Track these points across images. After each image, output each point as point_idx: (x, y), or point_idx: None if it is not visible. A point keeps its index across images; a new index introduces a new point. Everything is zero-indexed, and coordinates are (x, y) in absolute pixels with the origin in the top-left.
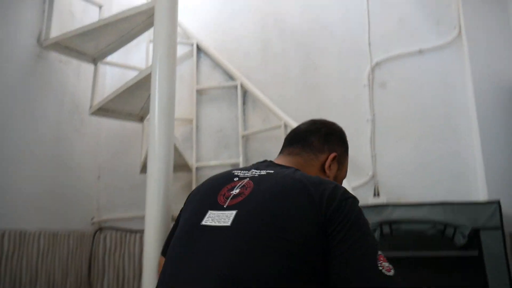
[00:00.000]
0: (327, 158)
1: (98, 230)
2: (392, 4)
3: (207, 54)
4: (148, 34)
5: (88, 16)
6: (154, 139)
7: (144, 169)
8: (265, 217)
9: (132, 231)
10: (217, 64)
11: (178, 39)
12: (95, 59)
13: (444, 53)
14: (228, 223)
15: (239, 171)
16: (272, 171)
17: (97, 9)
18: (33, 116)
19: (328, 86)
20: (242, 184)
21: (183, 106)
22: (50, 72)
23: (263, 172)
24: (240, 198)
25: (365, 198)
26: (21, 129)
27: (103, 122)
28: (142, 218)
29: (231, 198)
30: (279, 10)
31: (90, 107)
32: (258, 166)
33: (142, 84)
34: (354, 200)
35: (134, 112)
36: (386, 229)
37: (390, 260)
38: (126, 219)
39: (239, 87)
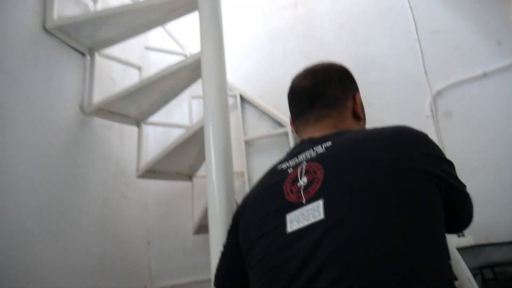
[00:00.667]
0: (354, 103)
1: None
2: (444, 30)
3: (252, 104)
4: (190, 91)
5: (128, 80)
6: (214, 197)
7: (199, 230)
8: (361, 193)
9: None
10: (263, 113)
11: None
12: (138, 121)
13: (511, 74)
14: (321, 216)
15: (284, 164)
16: (328, 144)
17: (136, 72)
18: (78, 184)
19: (386, 121)
20: (304, 171)
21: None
22: (94, 138)
23: (319, 150)
24: (316, 185)
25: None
26: (67, 199)
27: (150, 185)
28: (198, 284)
29: (304, 190)
30: (323, 50)
31: (137, 170)
32: (303, 148)
33: (190, 141)
34: (426, 135)
35: (182, 171)
36: (489, 274)
37: None
38: (181, 286)
39: (289, 133)
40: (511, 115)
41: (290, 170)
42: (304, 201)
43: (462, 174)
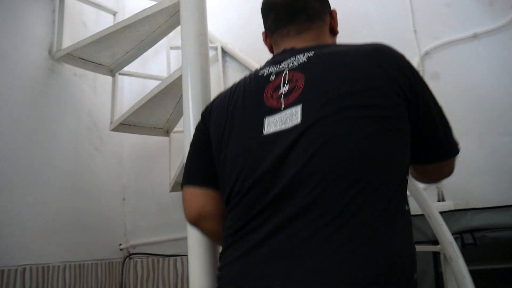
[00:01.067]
0: (331, 18)
1: (128, 257)
2: None
3: (233, 57)
4: (168, 40)
5: (102, 26)
6: None
7: (175, 187)
8: (340, 100)
9: (165, 256)
10: (245, 67)
11: None
12: (113, 70)
13: (502, 36)
14: (298, 121)
15: (265, 70)
16: (310, 54)
17: (111, 16)
18: (47, 136)
19: None
20: (286, 79)
21: None
22: (64, 86)
23: (302, 59)
24: (296, 93)
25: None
26: (35, 152)
27: (125, 139)
28: (174, 241)
29: (284, 97)
30: None
31: (111, 122)
32: (284, 57)
33: (168, 93)
34: (404, 55)
35: (159, 125)
36: (469, 239)
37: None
38: (157, 243)
39: None
40: (498, 79)
41: (272, 77)
42: (282, 107)
43: None
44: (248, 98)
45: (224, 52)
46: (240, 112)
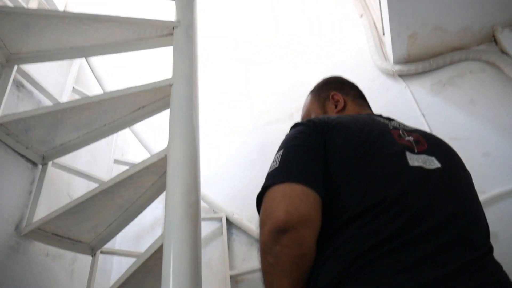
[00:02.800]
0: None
1: None
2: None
3: (240, 229)
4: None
5: None
6: None
7: None
8: (461, 171)
9: None
10: (255, 239)
11: (203, 215)
12: (93, 248)
13: None
14: (439, 165)
15: (377, 117)
16: (409, 126)
17: None
18: None
19: None
20: (405, 133)
21: None
22: (30, 270)
23: (402, 124)
24: (423, 147)
25: None
26: None
27: None
28: None
29: (415, 143)
30: None
31: None
32: (379, 117)
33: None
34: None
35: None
36: None
37: None
38: None
39: None
40: None
41: (391, 128)
42: (416, 150)
43: None
44: (377, 129)
45: (230, 223)
46: (377, 136)
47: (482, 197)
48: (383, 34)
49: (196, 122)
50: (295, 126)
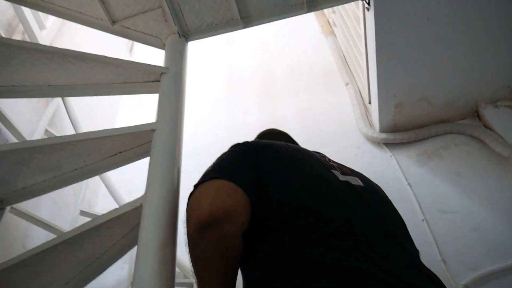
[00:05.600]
0: None
1: None
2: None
3: None
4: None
5: None
6: None
7: None
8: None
9: None
10: None
11: (177, 280)
12: None
13: None
14: (362, 184)
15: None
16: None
17: None
18: None
19: None
20: (334, 163)
21: None
22: None
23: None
24: (348, 172)
25: None
26: None
27: None
28: None
29: (338, 168)
30: None
31: None
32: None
33: None
34: None
35: None
36: None
37: None
38: None
39: None
40: None
41: (319, 155)
42: (340, 172)
43: None
44: (306, 152)
45: None
46: (307, 156)
47: (473, 275)
48: (369, 102)
49: (178, 172)
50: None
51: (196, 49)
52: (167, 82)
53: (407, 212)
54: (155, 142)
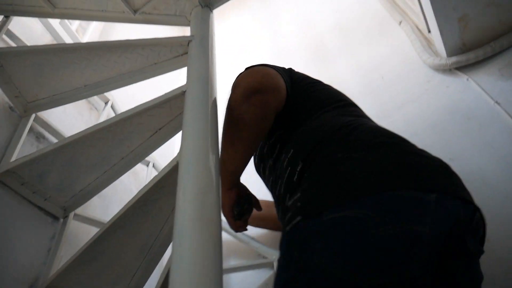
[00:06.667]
0: None
1: None
2: None
3: None
4: None
5: None
6: None
7: None
8: None
9: None
10: None
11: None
12: None
13: None
14: None
15: None
16: None
17: None
18: None
19: None
20: None
21: None
22: None
23: None
24: None
25: None
26: None
27: None
28: None
29: None
30: None
31: None
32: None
33: None
34: None
35: None
36: None
37: None
38: None
39: None
40: None
41: None
42: None
43: None
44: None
45: None
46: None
47: None
48: (429, 31)
49: (214, 131)
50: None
51: (235, 20)
52: (194, 47)
53: (505, 131)
54: (187, 103)
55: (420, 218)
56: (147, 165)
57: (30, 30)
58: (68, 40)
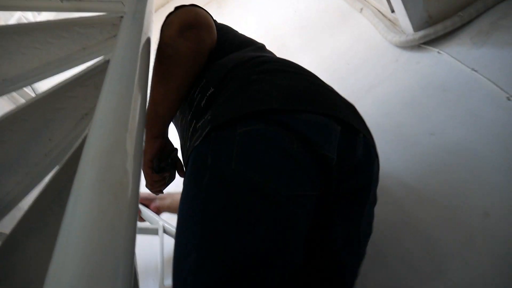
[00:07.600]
0: None
1: None
2: None
3: None
4: None
5: None
6: None
7: None
8: None
9: None
10: None
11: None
12: None
13: None
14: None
15: None
16: None
17: None
18: None
19: None
20: None
21: None
22: None
23: None
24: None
25: None
26: None
27: None
28: None
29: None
30: None
31: None
32: None
33: None
34: None
35: None
36: None
37: None
38: None
39: None
40: None
41: None
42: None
43: None
44: None
45: None
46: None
47: None
48: (392, 11)
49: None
50: None
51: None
52: (126, 22)
53: (487, 97)
54: (109, 71)
55: (329, 144)
56: None
57: None
58: None
